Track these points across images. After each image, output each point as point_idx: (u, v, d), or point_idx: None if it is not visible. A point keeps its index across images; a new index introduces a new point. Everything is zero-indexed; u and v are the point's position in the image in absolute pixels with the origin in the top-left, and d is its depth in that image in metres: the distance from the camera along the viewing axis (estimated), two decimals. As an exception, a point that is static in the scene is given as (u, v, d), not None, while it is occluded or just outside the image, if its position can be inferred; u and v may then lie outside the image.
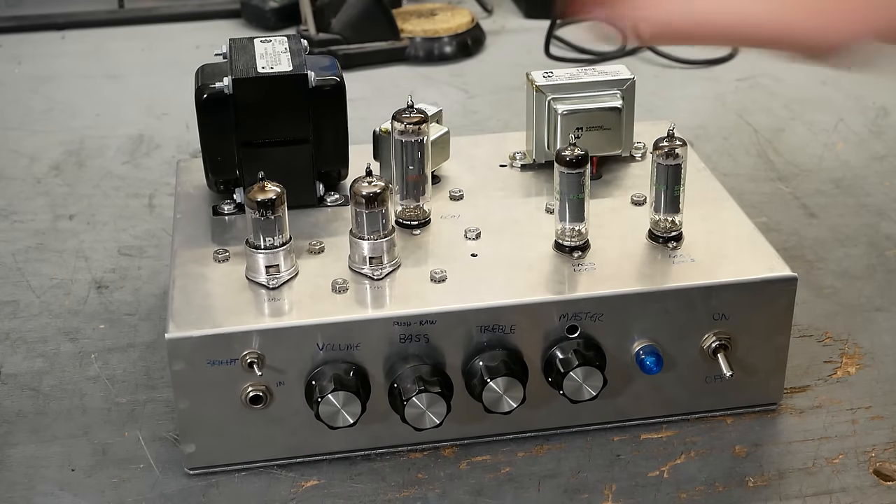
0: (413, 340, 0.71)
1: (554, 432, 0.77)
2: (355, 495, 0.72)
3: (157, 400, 0.81)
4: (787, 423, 0.78)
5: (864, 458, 0.75)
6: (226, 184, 0.83)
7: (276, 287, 0.73)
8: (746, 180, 1.11)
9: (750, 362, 0.76)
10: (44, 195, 1.11)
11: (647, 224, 0.79)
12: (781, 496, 0.72)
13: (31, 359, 0.86)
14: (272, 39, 0.84)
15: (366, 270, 0.74)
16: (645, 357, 0.73)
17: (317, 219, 0.82)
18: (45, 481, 0.74)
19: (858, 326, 0.88)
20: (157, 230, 1.04)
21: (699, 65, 1.41)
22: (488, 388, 0.71)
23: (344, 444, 0.74)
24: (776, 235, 1.00)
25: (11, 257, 1.00)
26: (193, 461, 0.73)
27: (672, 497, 0.72)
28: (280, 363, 0.71)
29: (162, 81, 1.39)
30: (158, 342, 0.87)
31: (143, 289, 0.95)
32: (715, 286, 0.74)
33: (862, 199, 1.08)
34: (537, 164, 0.88)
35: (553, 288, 0.73)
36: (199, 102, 0.80)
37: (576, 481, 0.73)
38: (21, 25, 1.57)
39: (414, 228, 0.80)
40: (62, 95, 1.35)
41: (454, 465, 0.75)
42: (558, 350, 0.73)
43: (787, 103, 1.29)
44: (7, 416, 0.80)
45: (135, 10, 1.64)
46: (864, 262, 0.97)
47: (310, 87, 0.80)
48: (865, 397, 0.80)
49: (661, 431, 0.77)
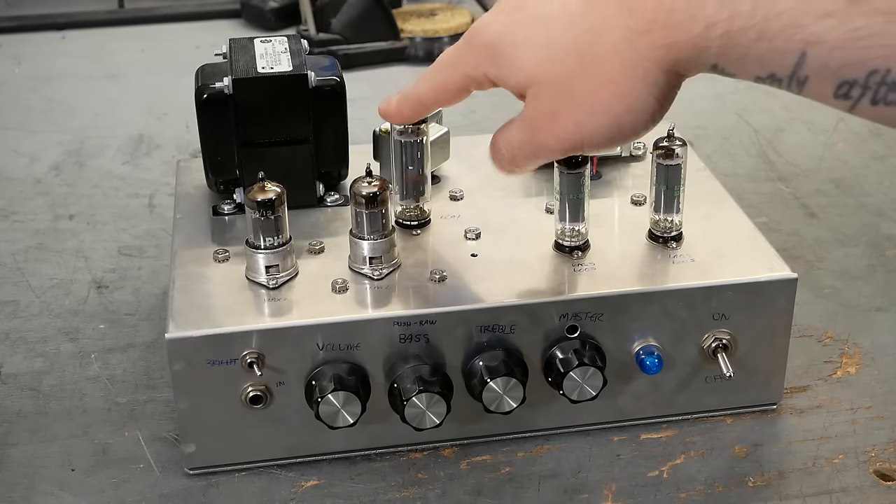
0: (413, 340, 0.71)
1: (554, 432, 0.77)
2: (355, 495, 0.72)
3: (157, 400, 0.81)
4: (787, 423, 0.78)
5: (864, 458, 0.75)
6: (226, 184, 0.83)
7: (276, 287, 0.73)
8: (746, 180, 1.11)
9: (750, 362, 0.76)
10: (44, 195, 1.11)
11: (647, 224, 0.79)
12: (781, 496, 0.72)
13: (31, 359, 0.86)
14: (272, 39, 0.84)
15: (366, 270, 0.74)
16: (645, 357, 0.73)
17: (317, 219, 0.82)
18: (45, 481, 0.74)
19: (858, 326, 0.88)
20: (157, 230, 1.04)
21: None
22: (488, 388, 0.71)
23: (344, 444, 0.74)
24: (776, 235, 1.00)
25: (11, 257, 1.00)
26: (193, 461, 0.73)
27: (672, 497, 0.72)
28: (280, 363, 0.71)
29: (162, 81, 1.39)
30: (158, 342, 0.87)
31: (143, 289, 0.95)
32: (715, 286, 0.74)
33: (862, 199, 1.08)
34: (537, 164, 0.88)
35: (553, 288, 0.73)
36: (199, 102, 0.80)
37: (576, 481, 0.73)
38: (21, 25, 1.57)
39: (414, 229, 0.80)
40: (62, 95, 1.35)
41: (454, 465, 0.75)
42: (558, 350, 0.73)
43: (787, 103, 1.29)
44: (7, 416, 0.80)
45: (135, 10, 1.64)
46: (864, 262, 0.97)
47: (310, 87, 0.80)
48: (865, 397, 0.80)
49: (661, 431, 0.77)
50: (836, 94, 0.51)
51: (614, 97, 0.59)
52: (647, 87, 0.58)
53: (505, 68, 0.63)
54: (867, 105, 0.50)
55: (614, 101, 0.59)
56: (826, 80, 0.51)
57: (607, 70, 0.58)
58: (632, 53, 0.57)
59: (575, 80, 0.60)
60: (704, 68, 0.56)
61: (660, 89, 0.58)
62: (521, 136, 0.65)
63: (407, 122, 0.74)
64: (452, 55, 0.67)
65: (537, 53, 0.61)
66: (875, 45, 0.49)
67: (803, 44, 0.50)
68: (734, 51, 0.53)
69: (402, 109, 0.72)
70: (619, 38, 0.58)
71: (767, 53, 0.52)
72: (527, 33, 0.62)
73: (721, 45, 0.54)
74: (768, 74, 0.53)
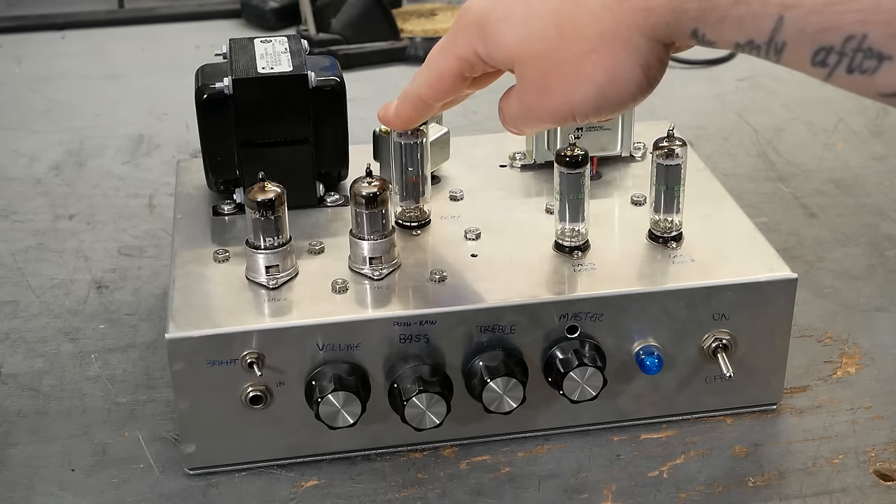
0: (413, 340, 0.71)
1: (554, 432, 0.77)
2: (355, 495, 0.72)
3: (157, 400, 0.81)
4: (787, 423, 0.78)
5: (864, 458, 0.75)
6: (226, 184, 0.83)
7: (276, 287, 0.73)
8: (746, 180, 1.11)
9: (750, 362, 0.76)
10: (44, 195, 1.11)
11: (647, 224, 0.79)
12: (781, 496, 0.72)
13: (31, 359, 0.86)
14: (272, 39, 0.84)
15: (366, 271, 0.74)
16: (645, 357, 0.73)
17: (317, 219, 0.82)
18: (45, 481, 0.74)
19: (858, 326, 0.88)
20: (157, 230, 1.04)
21: (699, 65, 1.41)
22: (488, 388, 0.71)
23: (344, 444, 0.74)
24: (776, 235, 1.00)
25: (11, 257, 1.00)
26: (193, 461, 0.73)
27: (672, 497, 0.72)
28: (280, 363, 0.71)
29: (162, 81, 1.39)
30: (158, 342, 0.87)
31: (143, 289, 0.95)
32: (715, 286, 0.74)
33: (862, 199, 1.08)
34: (537, 164, 0.88)
35: (553, 288, 0.73)
36: (199, 102, 0.80)
37: (576, 481, 0.73)
38: (21, 25, 1.57)
39: (414, 229, 0.80)
40: (62, 95, 1.35)
41: (454, 465, 0.75)
42: (558, 350, 0.73)
43: (787, 103, 1.29)
44: (7, 416, 0.80)
45: (135, 10, 1.64)
46: (864, 262, 0.97)
47: (310, 87, 0.80)
48: (865, 397, 0.80)
49: (661, 431, 0.77)
50: (814, 61, 0.51)
51: (598, 67, 0.59)
52: (630, 55, 0.58)
53: (491, 46, 0.63)
54: (843, 73, 0.50)
55: (598, 72, 0.59)
56: (803, 47, 0.51)
57: (588, 40, 0.59)
58: (611, 22, 0.57)
59: (557, 53, 0.60)
60: (685, 36, 0.56)
61: (644, 58, 0.58)
62: (517, 107, 0.65)
63: (409, 126, 0.74)
64: (443, 41, 0.67)
65: (518, 29, 0.61)
66: (851, 9, 0.49)
67: (780, 7, 0.51)
68: (712, 14, 0.54)
69: (402, 111, 0.72)
70: (597, 7, 0.58)
71: (745, 17, 0.52)
72: (507, 9, 0.62)
73: (699, 9, 0.54)
74: (747, 40, 0.53)
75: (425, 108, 0.71)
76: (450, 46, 0.67)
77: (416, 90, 0.70)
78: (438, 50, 0.68)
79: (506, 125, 0.68)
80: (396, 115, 0.72)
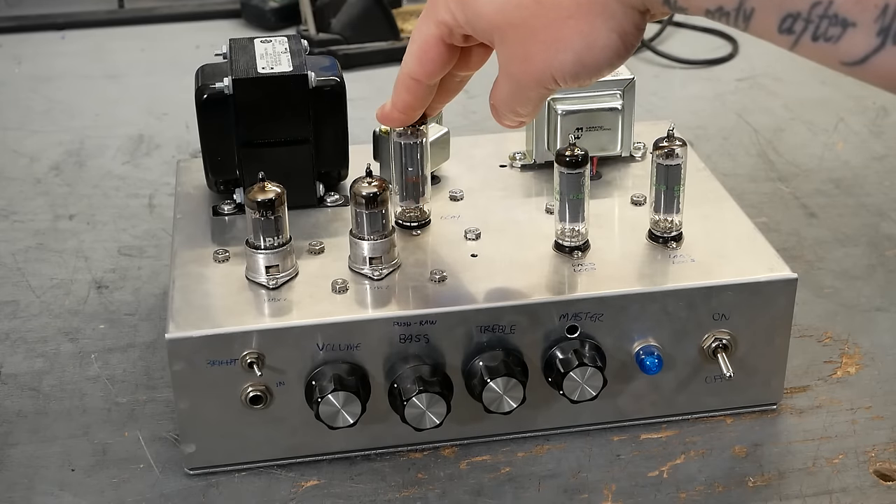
0: (413, 340, 0.71)
1: (554, 432, 0.77)
2: (355, 495, 0.72)
3: (157, 400, 0.81)
4: (787, 423, 0.78)
5: (864, 458, 0.75)
6: (226, 184, 0.83)
7: (276, 287, 0.73)
8: (746, 180, 1.11)
9: (750, 362, 0.76)
10: (44, 195, 1.11)
11: (647, 224, 0.79)
12: (781, 496, 0.72)
13: (31, 359, 0.86)
14: (272, 40, 0.84)
15: (366, 271, 0.74)
16: (645, 357, 0.73)
17: (317, 219, 0.82)
18: (45, 481, 0.74)
19: (858, 326, 0.88)
20: (157, 230, 1.04)
21: (699, 65, 1.41)
22: (488, 388, 0.71)
23: (344, 444, 0.74)
24: (776, 235, 1.00)
25: (11, 257, 1.00)
26: (193, 461, 0.73)
27: (672, 497, 0.72)
28: (280, 363, 0.71)
29: (162, 81, 1.39)
30: (158, 342, 0.87)
31: (143, 289, 0.95)
32: (715, 286, 0.74)
33: (862, 199, 1.08)
34: (537, 164, 0.88)
35: (553, 288, 0.73)
36: (199, 102, 0.80)
37: (576, 481, 0.73)
38: (21, 25, 1.57)
39: (414, 229, 0.80)
40: (62, 95, 1.35)
41: (454, 465, 0.75)
42: (558, 350, 0.73)
43: (787, 103, 1.29)
44: (7, 416, 0.80)
45: (135, 10, 1.64)
46: (864, 262, 0.97)
47: (310, 87, 0.80)
48: (865, 397, 0.80)
49: (661, 431, 0.77)
50: (780, 28, 0.51)
51: (574, 33, 0.59)
52: (606, 22, 0.59)
53: (470, 13, 0.64)
54: (808, 41, 0.50)
55: (575, 38, 0.60)
56: (771, 13, 0.51)
57: (565, 7, 0.59)
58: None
59: (535, 21, 0.60)
60: (658, 2, 0.57)
61: (619, 24, 0.59)
62: (506, 86, 0.66)
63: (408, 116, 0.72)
64: (424, 11, 0.68)
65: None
66: None
67: None
68: None
69: (398, 98, 0.71)
70: None
71: None
72: None
73: None
74: (717, 7, 0.53)
75: (419, 87, 0.70)
76: (430, 13, 0.67)
77: (406, 70, 0.70)
78: (419, 21, 0.68)
79: (499, 117, 0.69)
80: (393, 105, 0.72)
